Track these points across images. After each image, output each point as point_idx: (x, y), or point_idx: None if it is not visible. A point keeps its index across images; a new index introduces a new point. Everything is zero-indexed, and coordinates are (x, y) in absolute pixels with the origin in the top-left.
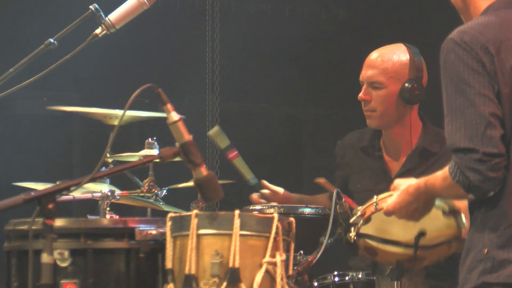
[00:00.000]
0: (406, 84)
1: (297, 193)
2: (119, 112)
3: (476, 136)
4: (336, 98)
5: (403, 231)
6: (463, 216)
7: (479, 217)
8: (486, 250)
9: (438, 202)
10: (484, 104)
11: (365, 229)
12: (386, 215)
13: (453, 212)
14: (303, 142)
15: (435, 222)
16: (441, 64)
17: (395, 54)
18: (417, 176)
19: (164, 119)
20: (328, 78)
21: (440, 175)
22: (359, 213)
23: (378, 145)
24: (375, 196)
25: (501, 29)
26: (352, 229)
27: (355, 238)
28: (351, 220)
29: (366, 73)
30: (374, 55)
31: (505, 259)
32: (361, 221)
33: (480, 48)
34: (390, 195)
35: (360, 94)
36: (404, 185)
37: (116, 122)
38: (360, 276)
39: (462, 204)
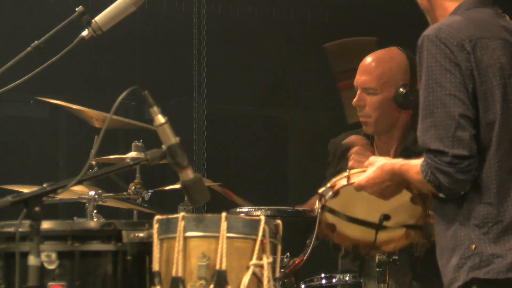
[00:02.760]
0: (400, 89)
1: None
2: (105, 114)
3: (446, 137)
4: (322, 100)
5: (367, 212)
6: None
7: (461, 215)
8: (473, 246)
9: None
10: (454, 105)
11: (331, 203)
12: (357, 190)
13: (421, 199)
14: (288, 144)
15: (401, 206)
16: (417, 61)
17: (389, 59)
18: None
19: (150, 123)
20: (314, 80)
21: (414, 168)
22: (328, 185)
23: (371, 149)
24: (348, 170)
25: (476, 27)
26: (318, 201)
27: (320, 210)
28: (320, 191)
29: (360, 78)
30: (367, 60)
31: (493, 253)
32: (330, 193)
33: (456, 45)
34: (364, 171)
35: (354, 100)
36: (380, 162)
37: (102, 124)
38: (347, 278)
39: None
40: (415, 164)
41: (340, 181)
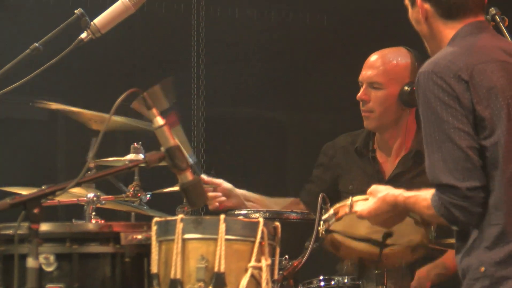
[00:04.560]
0: (406, 87)
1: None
2: (104, 115)
3: (456, 170)
4: (321, 102)
5: (370, 230)
6: (432, 228)
7: (473, 238)
8: (483, 269)
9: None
10: (460, 138)
11: (334, 226)
12: (359, 219)
13: (425, 223)
14: (287, 146)
15: (404, 227)
16: (417, 98)
17: (396, 56)
18: (410, 179)
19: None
20: (313, 82)
21: (423, 201)
22: (332, 211)
23: (372, 147)
24: (350, 198)
25: (471, 55)
26: (322, 223)
27: (323, 233)
28: (324, 217)
29: (366, 73)
30: (375, 56)
31: (503, 276)
32: (333, 220)
33: (452, 77)
34: (366, 199)
35: (359, 94)
36: (382, 192)
37: (100, 126)
38: (345, 280)
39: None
40: (423, 198)
41: (344, 208)
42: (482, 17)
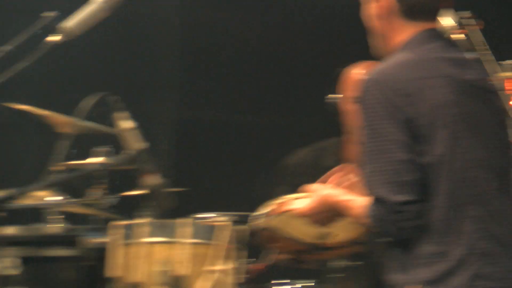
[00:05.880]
0: None
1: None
2: (73, 120)
3: (389, 183)
4: (301, 106)
5: (306, 227)
6: None
7: (409, 255)
8: (421, 287)
9: None
10: (397, 150)
11: (274, 221)
12: (297, 216)
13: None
14: (267, 150)
15: (342, 224)
16: (359, 106)
17: None
18: None
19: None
20: (293, 86)
21: (359, 208)
22: (265, 211)
23: None
24: (289, 196)
25: (419, 68)
26: (257, 220)
27: (261, 229)
28: (255, 213)
29: None
30: None
31: None
32: (272, 216)
33: (396, 89)
34: (304, 197)
35: None
36: (322, 191)
37: (67, 130)
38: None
39: None
40: (359, 205)
41: (282, 206)
42: (435, 24)
